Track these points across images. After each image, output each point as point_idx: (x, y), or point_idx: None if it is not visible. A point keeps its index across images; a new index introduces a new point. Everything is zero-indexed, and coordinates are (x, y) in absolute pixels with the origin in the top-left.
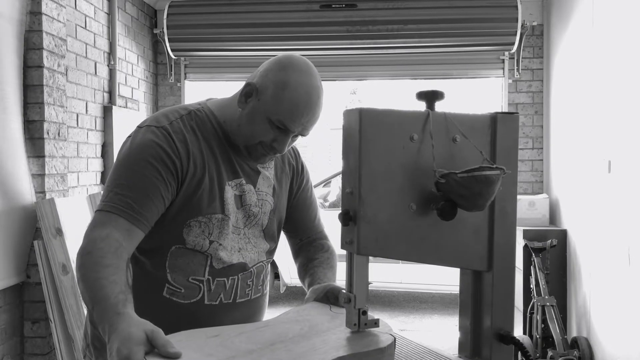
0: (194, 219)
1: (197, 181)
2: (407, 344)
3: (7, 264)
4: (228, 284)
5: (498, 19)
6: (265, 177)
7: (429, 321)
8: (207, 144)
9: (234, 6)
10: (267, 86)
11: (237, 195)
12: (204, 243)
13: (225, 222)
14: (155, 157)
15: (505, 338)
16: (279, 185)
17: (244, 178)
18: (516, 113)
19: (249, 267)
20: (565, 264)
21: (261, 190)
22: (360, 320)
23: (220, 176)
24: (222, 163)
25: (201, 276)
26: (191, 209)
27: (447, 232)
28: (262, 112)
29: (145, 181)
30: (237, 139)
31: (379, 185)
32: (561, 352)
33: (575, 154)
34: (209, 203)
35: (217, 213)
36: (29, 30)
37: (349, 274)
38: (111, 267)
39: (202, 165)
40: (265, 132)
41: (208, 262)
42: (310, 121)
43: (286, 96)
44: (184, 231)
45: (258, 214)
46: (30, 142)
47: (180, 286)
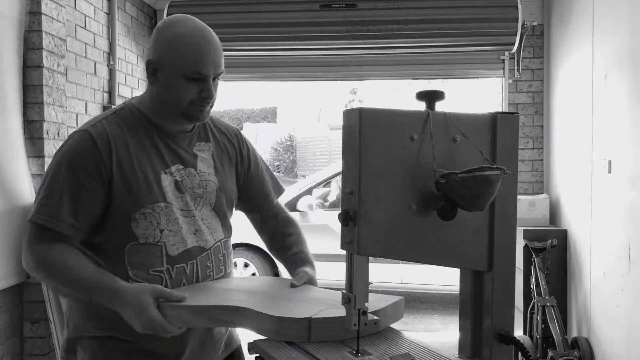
0: (138, 212)
1: (128, 176)
2: (407, 344)
3: (7, 264)
4: (188, 269)
5: (498, 19)
6: (204, 159)
7: (429, 321)
8: (135, 139)
9: (233, 6)
10: (163, 52)
11: (178, 180)
12: (155, 233)
13: (169, 209)
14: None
15: (505, 338)
16: (221, 163)
17: (180, 163)
18: (516, 113)
19: (206, 249)
20: (566, 264)
21: (202, 171)
22: (360, 320)
23: (153, 167)
24: (154, 154)
25: (160, 266)
26: (131, 203)
27: (447, 232)
28: (174, 74)
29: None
30: (167, 116)
31: (379, 185)
32: (561, 353)
33: (576, 154)
34: (147, 194)
35: (158, 202)
36: (29, 30)
37: (349, 274)
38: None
39: (130, 160)
40: (188, 89)
41: (163, 252)
42: (217, 56)
43: (182, 46)
44: (132, 225)
45: (204, 195)
46: (30, 142)
47: (143, 280)
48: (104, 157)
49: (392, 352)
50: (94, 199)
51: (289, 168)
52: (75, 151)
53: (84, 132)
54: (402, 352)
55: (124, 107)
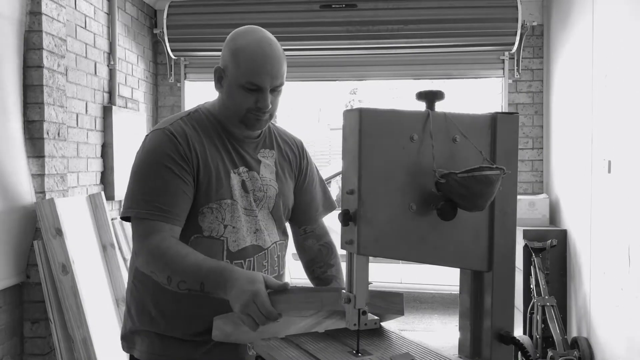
0: (206, 206)
1: (202, 171)
2: (407, 344)
3: (7, 264)
4: (245, 265)
5: (498, 19)
6: (267, 165)
7: (429, 321)
8: (208, 139)
9: (234, 6)
10: (226, 61)
11: (244, 181)
12: (219, 228)
13: (234, 206)
14: (166, 159)
15: (505, 338)
16: (282, 171)
17: (245, 166)
18: (516, 113)
19: (263, 249)
20: (565, 264)
21: (264, 176)
22: (360, 320)
23: (224, 165)
24: (224, 154)
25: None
26: (202, 197)
27: (447, 232)
28: (234, 83)
29: (166, 183)
30: (230, 121)
31: (379, 185)
32: (561, 352)
33: (576, 154)
34: (217, 190)
35: (225, 198)
36: (29, 30)
37: (349, 274)
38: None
39: (205, 157)
40: (245, 98)
41: (225, 247)
42: (274, 69)
43: (241, 58)
44: (199, 219)
45: (263, 198)
46: (30, 142)
47: None
48: (187, 151)
49: (392, 352)
50: (190, 189)
51: None
52: (161, 148)
53: (162, 130)
54: (402, 352)
55: (197, 110)
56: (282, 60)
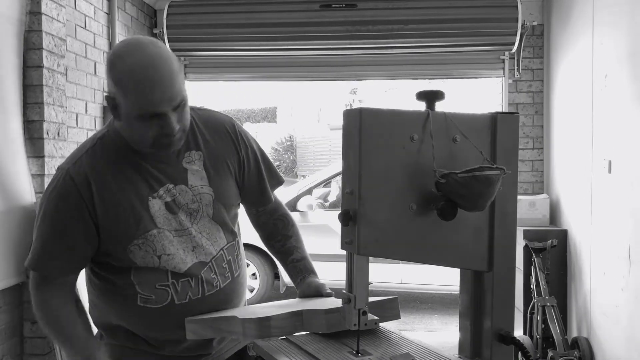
0: (132, 244)
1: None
2: (407, 344)
3: (7, 264)
4: (192, 282)
5: (498, 19)
6: (195, 171)
7: (429, 321)
8: (116, 169)
9: (234, 6)
10: (114, 89)
11: (168, 202)
12: (154, 260)
13: (162, 234)
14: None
15: (505, 338)
16: (214, 170)
17: (170, 182)
18: (516, 113)
19: (206, 263)
20: (566, 264)
21: (194, 185)
22: (360, 320)
23: (139, 194)
24: (139, 180)
25: (166, 281)
26: (123, 237)
27: (447, 232)
28: (129, 114)
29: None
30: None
31: (379, 185)
32: (561, 353)
33: (576, 154)
34: (137, 224)
35: (150, 230)
36: (29, 30)
37: (349, 274)
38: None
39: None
40: (146, 128)
41: (168, 274)
42: (166, 91)
43: (128, 88)
44: (130, 256)
45: (199, 208)
46: (30, 142)
47: (150, 294)
48: (86, 198)
49: (392, 352)
50: (81, 240)
51: (289, 168)
52: (57, 194)
53: (66, 173)
54: (402, 352)
55: (105, 134)
56: (173, 79)
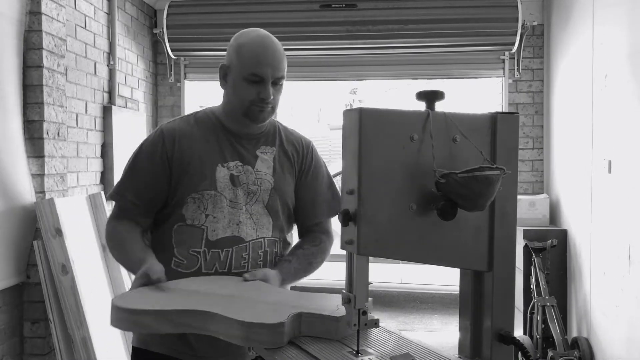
0: (190, 196)
1: (186, 163)
2: (407, 344)
3: (7, 264)
4: (222, 255)
5: (498, 19)
6: (264, 160)
7: (429, 321)
8: (202, 135)
9: (234, 6)
10: (230, 57)
11: (234, 174)
12: (201, 217)
13: (218, 198)
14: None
15: (505, 338)
16: (281, 168)
17: (240, 160)
18: (516, 113)
19: (245, 241)
20: (566, 264)
21: (260, 170)
22: (360, 320)
23: (212, 158)
24: (216, 148)
25: (198, 248)
26: (185, 187)
27: (447, 232)
28: (237, 77)
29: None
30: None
31: (379, 185)
32: (561, 353)
33: (576, 154)
34: (199, 181)
35: (209, 190)
36: (29, 30)
37: (349, 274)
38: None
39: (190, 152)
40: (247, 90)
41: (204, 235)
42: (275, 61)
43: (244, 52)
44: (184, 208)
45: (257, 192)
46: (29, 142)
47: (183, 258)
48: (168, 147)
49: (392, 352)
50: (155, 181)
51: None
52: (146, 142)
53: (160, 129)
54: (402, 352)
55: (200, 112)
56: (282, 54)
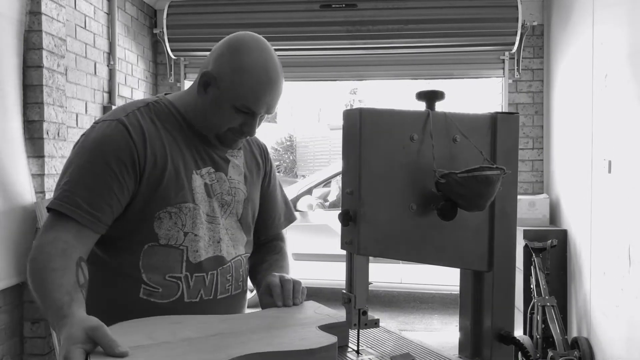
0: (163, 210)
1: (160, 171)
2: (407, 344)
3: (7, 264)
4: (207, 279)
5: (498, 19)
6: (235, 166)
7: (429, 321)
8: (168, 134)
9: (234, 6)
10: (224, 73)
11: (207, 184)
12: (178, 235)
13: (196, 211)
14: (109, 154)
15: (505, 338)
16: (250, 174)
17: (212, 166)
18: (516, 113)
19: (227, 261)
20: (566, 264)
21: (233, 178)
22: (360, 320)
23: (186, 165)
24: (187, 152)
25: (178, 273)
26: (159, 200)
27: (447, 232)
28: (226, 99)
29: (97, 179)
30: (204, 129)
31: (379, 185)
32: (561, 353)
33: (576, 154)
34: (177, 192)
35: (187, 202)
36: (29, 30)
37: (349, 274)
38: (58, 271)
39: (164, 155)
40: (232, 118)
41: (184, 257)
42: (274, 99)
43: (246, 80)
44: (155, 225)
45: (231, 203)
46: (29, 142)
47: (158, 285)
48: (139, 149)
49: (392, 352)
50: (123, 192)
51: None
52: (108, 140)
53: (117, 122)
54: (402, 352)
55: (157, 102)
56: (281, 92)
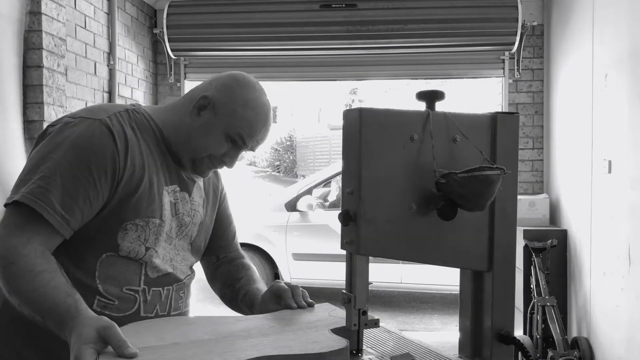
0: (131, 222)
1: (136, 181)
2: (407, 344)
3: None
4: (164, 294)
5: (498, 19)
6: (199, 187)
7: (429, 321)
8: (146, 145)
9: (234, 6)
10: (226, 102)
11: (172, 202)
12: (140, 249)
13: (161, 228)
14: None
15: (505, 338)
16: (207, 197)
17: (178, 185)
18: (516, 113)
19: (181, 279)
20: (566, 264)
21: (195, 200)
22: (360, 320)
23: (158, 179)
24: (160, 167)
25: (136, 286)
26: (128, 211)
27: (447, 232)
28: (220, 126)
29: (75, 183)
30: (183, 149)
31: (379, 185)
32: (561, 353)
33: (576, 154)
34: (148, 205)
35: (154, 217)
36: (29, 30)
37: (349, 274)
38: (45, 273)
39: (142, 166)
40: (219, 145)
41: (143, 271)
42: (264, 138)
43: (247, 113)
44: (119, 235)
45: (189, 224)
46: (30, 142)
47: (114, 298)
48: (121, 158)
49: (392, 352)
50: (97, 200)
51: (289, 168)
52: (92, 142)
53: (100, 122)
54: (402, 352)
55: (136, 111)
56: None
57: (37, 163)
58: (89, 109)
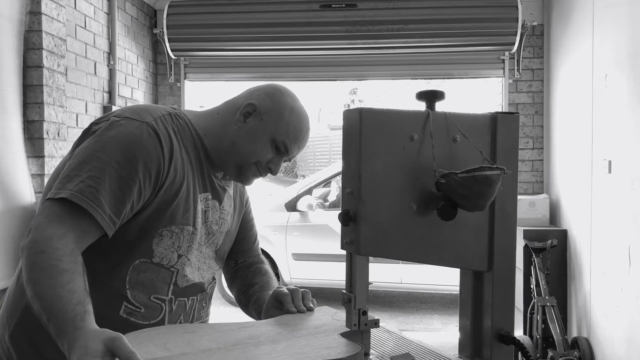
0: (167, 228)
1: (176, 187)
2: (407, 344)
3: (7, 264)
4: (188, 304)
5: (498, 19)
6: (229, 196)
7: (429, 321)
8: (185, 151)
9: (234, 6)
10: (271, 108)
11: (202, 209)
12: (172, 256)
13: (194, 236)
14: (138, 160)
15: (505, 338)
16: (235, 205)
17: (211, 193)
18: (516, 113)
19: (205, 288)
20: (566, 264)
21: (225, 209)
22: (360, 320)
23: (194, 187)
24: (197, 174)
25: (164, 295)
26: (166, 217)
27: (448, 232)
28: (267, 132)
29: (122, 184)
30: (227, 156)
31: (379, 186)
32: (561, 353)
33: (576, 154)
34: (184, 212)
35: (189, 225)
36: (29, 30)
37: (349, 274)
38: (67, 273)
39: (182, 172)
40: (265, 152)
41: (173, 280)
42: (303, 146)
43: (293, 120)
44: (155, 241)
45: (216, 233)
46: (29, 142)
47: (141, 305)
48: (165, 162)
49: (392, 352)
50: (139, 201)
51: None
52: (141, 144)
53: (147, 125)
54: (402, 352)
55: (178, 116)
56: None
57: (85, 160)
58: (133, 109)
